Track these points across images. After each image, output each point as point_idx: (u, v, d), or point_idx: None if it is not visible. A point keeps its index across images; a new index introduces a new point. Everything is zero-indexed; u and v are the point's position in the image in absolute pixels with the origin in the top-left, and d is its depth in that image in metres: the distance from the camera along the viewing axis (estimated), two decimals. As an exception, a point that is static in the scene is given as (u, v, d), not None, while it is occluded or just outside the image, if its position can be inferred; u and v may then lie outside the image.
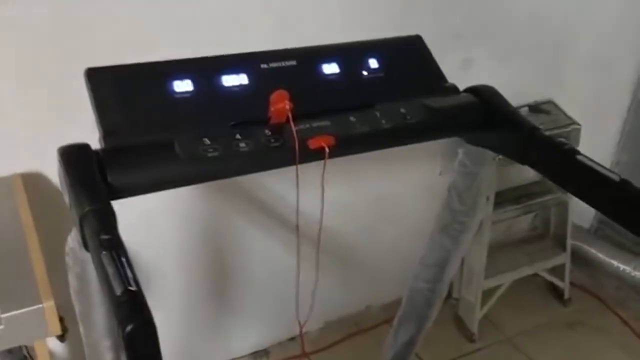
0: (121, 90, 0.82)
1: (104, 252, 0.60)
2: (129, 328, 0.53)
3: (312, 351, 1.84)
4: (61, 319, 1.21)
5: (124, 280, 0.56)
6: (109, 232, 0.64)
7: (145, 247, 1.52)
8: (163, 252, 1.56)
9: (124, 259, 0.59)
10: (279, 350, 1.83)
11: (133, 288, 0.55)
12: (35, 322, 0.96)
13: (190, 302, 1.68)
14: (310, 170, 0.85)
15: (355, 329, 1.93)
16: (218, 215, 1.59)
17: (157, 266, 1.57)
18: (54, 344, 1.46)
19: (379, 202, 1.82)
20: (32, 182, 1.26)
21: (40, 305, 0.95)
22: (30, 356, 1.25)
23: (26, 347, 1.24)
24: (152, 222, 1.49)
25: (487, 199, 1.73)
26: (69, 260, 0.78)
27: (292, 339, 1.84)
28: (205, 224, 1.59)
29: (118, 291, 0.55)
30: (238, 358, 1.82)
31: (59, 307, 0.96)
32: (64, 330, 1.35)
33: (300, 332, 1.07)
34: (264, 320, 1.80)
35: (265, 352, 1.84)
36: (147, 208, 1.43)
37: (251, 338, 1.83)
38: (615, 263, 2.03)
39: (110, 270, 0.58)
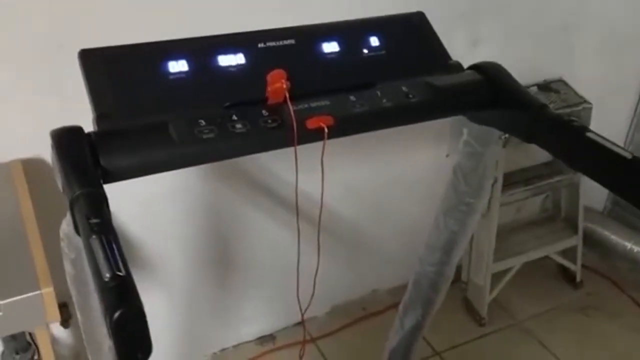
0: (115, 71, 0.80)
1: (93, 236, 0.58)
2: (116, 314, 0.51)
3: (319, 336, 1.83)
4: (65, 305, 1.20)
5: (112, 265, 0.54)
6: (99, 215, 0.62)
7: (149, 233, 1.52)
8: (167, 237, 1.55)
9: (113, 243, 0.57)
10: (285, 335, 1.82)
11: (121, 273, 0.54)
12: (34, 308, 0.95)
13: (195, 288, 1.68)
14: (314, 152, 0.83)
15: (362, 313, 1.92)
16: (222, 199, 1.58)
17: (162, 252, 1.56)
18: (58, 330, 1.47)
19: (385, 185, 1.80)
20: (33, 168, 1.25)
21: (39, 292, 0.95)
22: (34, 342, 1.25)
23: (30, 333, 1.24)
24: (156, 207, 1.48)
25: (496, 180, 1.70)
26: (64, 245, 0.77)
27: (299, 324, 1.82)
28: (210, 209, 1.58)
29: (106, 276, 0.53)
30: (244, 343, 1.82)
31: (62, 294, 0.95)
32: (68, 316, 1.35)
33: (302, 318, 1.06)
34: (269, 305, 1.79)
35: (271, 337, 1.84)
36: (150, 193, 1.43)
37: (257, 323, 1.82)
38: (628, 245, 2.00)
39: (98, 254, 0.56)
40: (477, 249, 1.86)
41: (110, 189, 0.73)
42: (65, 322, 1.42)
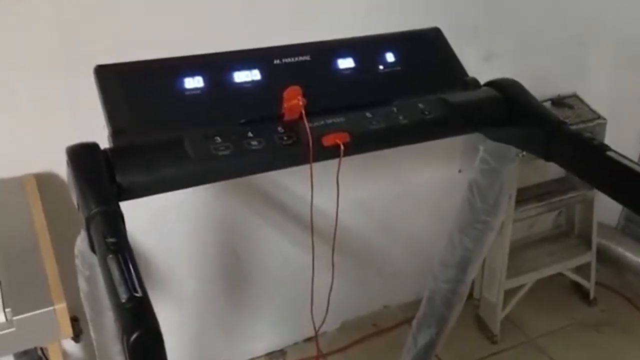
0: (131, 87, 0.80)
1: (110, 256, 0.58)
2: (133, 336, 0.50)
3: (329, 352, 1.81)
4: (76, 320, 1.20)
5: (129, 285, 0.54)
6: (116, 234, 0.61)
7: (159, 246, 1.51)
8: (178, 251, 1.54)
9: (130, 263, 0.57)
10: (296, 351, 1.81)
11: (139, 294, 0.53)
12: (46, 324, 0.94)
13: (205, 302, 1.67)
14: (326, 168, 0.82)
15: (372, 329, 1.90)
16: (233, 213, 1.57)
17: (172, 266, 1.55)
18: (69, 344, 1.46)
19: (396, 199, 1.79)
20: (46, 182, 1.25)
21: (52, 308, 0.94)
22: (46, 357, 1.24)
23: (41, 347, 1.23)
24: (167, 220, 1.48)
25: (509, 196, 1.69)
26: (78, 262, 0.76)
27: (309, 339, 1.81)
28: (221, 223, 1.57)
29: (123, 297, 0.53)
30: (254, 359, 1.80)
31: (73, 308, 0.95)
32: (79, 331, 1.34)
33: (316, 335, 1.04)
34: (280, 320, 1.78)
35: (281, 352, 1.82)
36: (161, 207, 1.43)
37: (267, 338, 1.81)
38: (642, 262, 1.97)
39: (115, 275, 0.55)
40: (489, 265, 1.83)
41: (120, 202, 0.73)
42: (77, 336, 1.41)
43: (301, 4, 1.38)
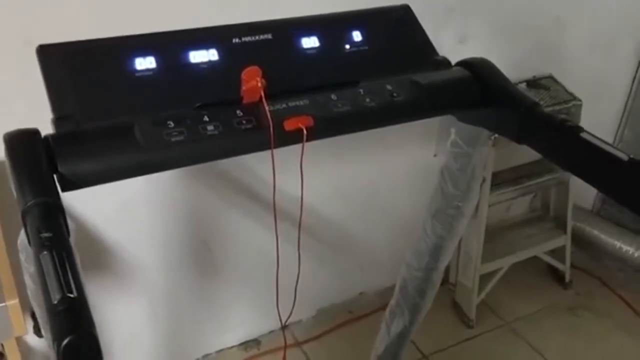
0: (76, 69, 0.76)
1: (43, 252, 0.53)
2: (64, 342, 0.46)
3: (304, 340, 1.79)
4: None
5: (62, 285, 0.49)
6: (52, 228, 0.56)
7: (127, 238, 1.46)
8: (146, 243, 1.49)
9: (66, 260, 0.52)
10: (270, 339, 1.78)
11: (73, 295, 0.48)
12: (-1, 321, 0.90)
13: (177, 293, 1.62)
14: (298, 152, 0.78)
15: (348, 316, 1.88)
16: (203, 202, 1.52)
17: (141, 258, 1.50)
18: (32, 339, 1.41)
19: (371, 186, 1.75)
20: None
21: (4, 304, 0.90)
22: (3, 354, 1.19)
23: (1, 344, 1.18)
24: (133, 211, 1.42)
25: (484, 180, 1.66)
26: (22, 257, 0.71)
27: (284, 327, 1.78)
28: (190, 212, 1.53)
29: (55, 298, 0.48)
30: (228, 348, 1.77)
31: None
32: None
33: (282, 325, 1.01)
34: (254, 309, 1.74)
35: (256, 341, 1.79)
36: (128, 195, 1.37)
37: (241, 328, 1.77)
38: (617, 244, 1.97)
39: (48, 273, 0.50)
40: (465, 250, 1.82)
41: (84, 192, 0.68)
42: (39, 330, 1.36)
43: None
